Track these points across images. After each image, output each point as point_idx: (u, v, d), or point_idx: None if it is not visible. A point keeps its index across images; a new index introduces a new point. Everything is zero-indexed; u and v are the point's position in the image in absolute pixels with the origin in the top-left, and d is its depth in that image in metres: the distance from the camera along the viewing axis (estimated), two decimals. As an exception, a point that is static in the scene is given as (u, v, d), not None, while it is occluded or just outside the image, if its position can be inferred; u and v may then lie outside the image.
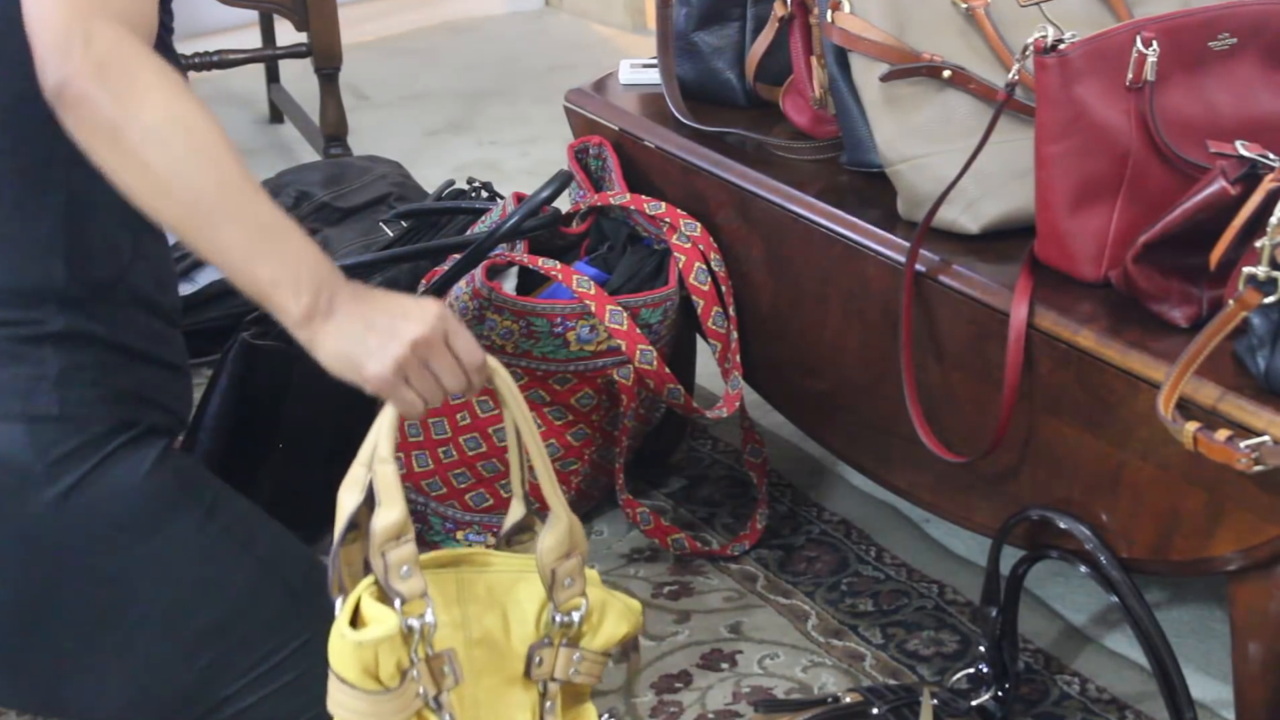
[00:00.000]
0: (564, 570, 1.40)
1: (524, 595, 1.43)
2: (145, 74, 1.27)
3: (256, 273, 1.30)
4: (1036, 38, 1.61)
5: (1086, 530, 1.61)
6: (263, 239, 1.30)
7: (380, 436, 1.33)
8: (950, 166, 1.70)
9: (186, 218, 1.29)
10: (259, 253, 1.30)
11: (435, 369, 1.35)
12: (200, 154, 1.28)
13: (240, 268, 1.30)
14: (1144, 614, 1.60)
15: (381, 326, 1.32)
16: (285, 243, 1.31)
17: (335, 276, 1.33)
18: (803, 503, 2.22)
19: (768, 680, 1.89)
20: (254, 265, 1.30)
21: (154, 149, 1.26)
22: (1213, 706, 1.80)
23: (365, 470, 1.33)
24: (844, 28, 1.78)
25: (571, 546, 1.40)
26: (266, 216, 1.31)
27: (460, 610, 1.40)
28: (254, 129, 3.56)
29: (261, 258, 1.30)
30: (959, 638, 1.95)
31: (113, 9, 1.27)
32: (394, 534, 1.30)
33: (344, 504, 1.33)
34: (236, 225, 1.29)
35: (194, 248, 1.31)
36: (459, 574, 1.41)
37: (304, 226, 2.72)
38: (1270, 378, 1.44)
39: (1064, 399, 1.62)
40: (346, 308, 1.32)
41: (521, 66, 3.89)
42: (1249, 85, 1.65)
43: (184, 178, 1.27)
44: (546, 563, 1.39)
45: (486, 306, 1.95)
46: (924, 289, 1.73)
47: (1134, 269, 1.56)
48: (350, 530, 1.32)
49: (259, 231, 1.30)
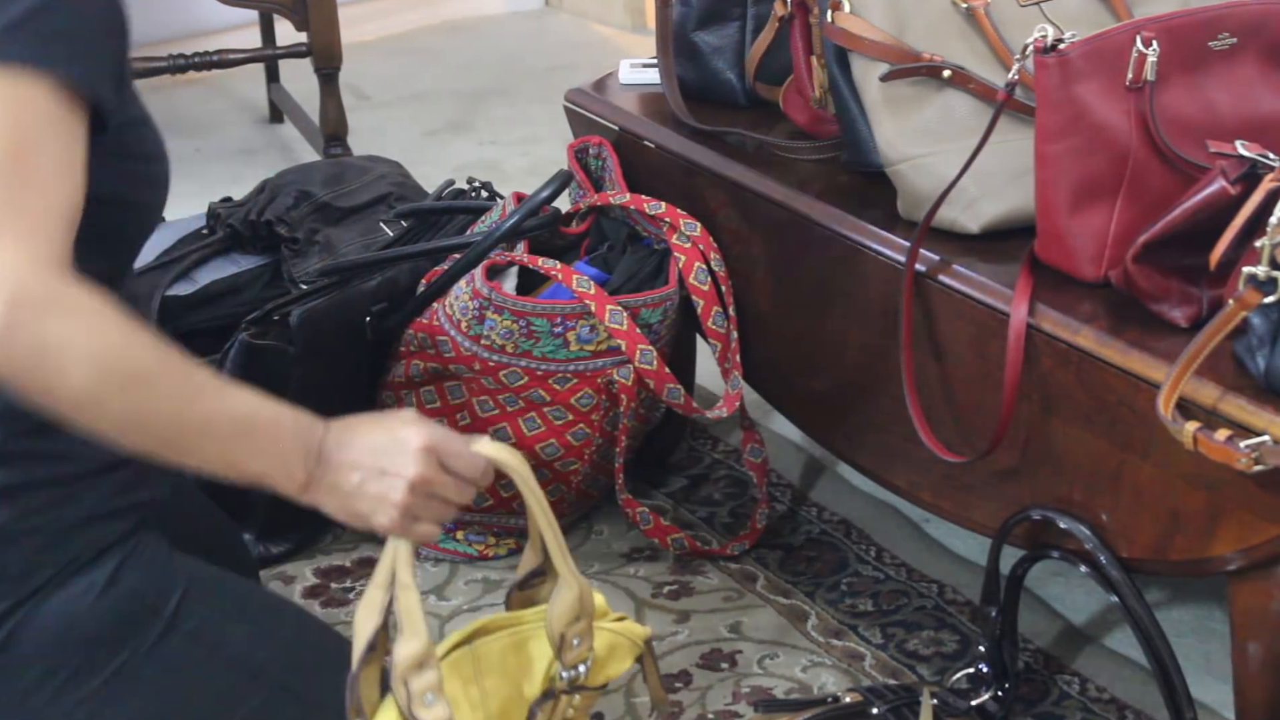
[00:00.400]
0: (573, 632, 1.39)
1: (536, 652, 1.42)
2: (53, 337, 1.17)
3: (245, 471, 1.28)
4: (1036, 38, 1.61)
5: (1086, 530, 1.61)
6: (236, 441, 1.27)
7: (399, 562, 1.32)
8: (950, 166, 1.70)
9: (157, 452, 1.26)
10: (238, 456, 1.28)
11: (441, 495, 1.33)
12: (139, 399, 1.22)
13: (228, 472, 1.28)
14: (1144, 614, 1.60)
15: (375, 474, 1.30)
16: (257, 432, 1.28)
17: (313, 432, 1.30)
18: (803, 503, 2.22)
19: (767, 680, 1.89)
20: (240, 467, 1.28)
21: (92, 413, 1.21)
22: (1213, 706, 1.80)
23: (383, 593, 1.31)
24: (844, 28, 1.78)
25: (581, 612, 1.39)
26: (229, 416, 1.27)
27: (478, 687, 1.40)
28: (254, 129, 3.56)
29: (243, 458, 1.28)
30: (959, 638, 1.95)
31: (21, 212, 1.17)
32: (417, 663, 1.30)
33: (361, 628, 1.31)
34: (206, 442, 1.26)
35: (180, 466, 1.28)
36: (474, 649, 1.41)
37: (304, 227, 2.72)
38: (1270, 378, 1.44)
39: (1064, 399, 1.62)
40: (336, 462, 1.30)
41: (521, 66, 3.88)
42: (1249, 85, 1.65)
43: (134, 427, 1.23)
44: (556, 628, 1.38)
45: (486, 306, 1.95)
46: (924, 289, 1.73)
47: (1134, 269, 1.56)
48: (368, 653, 1.31)
49: (230, 438, 1.27)
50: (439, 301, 2.05)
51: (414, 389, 2.08)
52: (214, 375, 1.27)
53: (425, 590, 2.11)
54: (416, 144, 3.46)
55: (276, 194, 2.69)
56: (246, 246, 2.72)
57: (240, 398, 1.28)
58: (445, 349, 2.02)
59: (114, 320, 1.20)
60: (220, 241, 2.69)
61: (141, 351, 1.21)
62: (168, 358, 1.23)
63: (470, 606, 2.06)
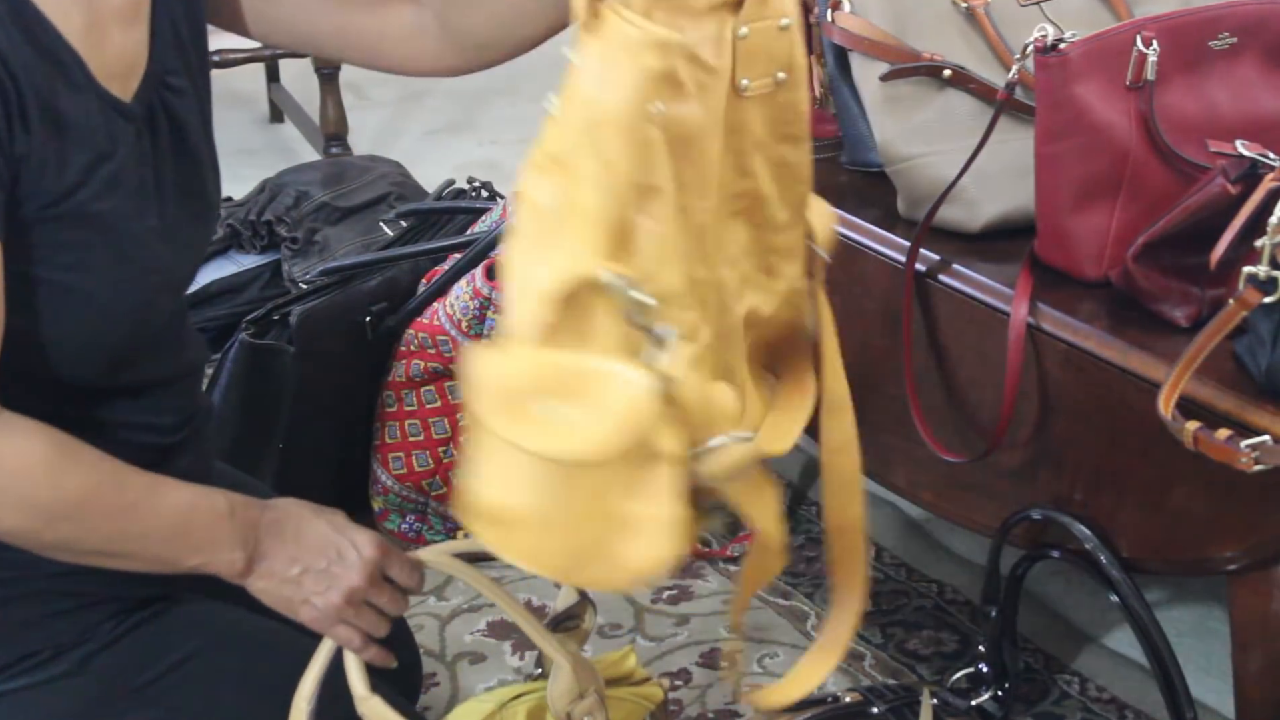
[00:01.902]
0: (580, 710, 1.38)
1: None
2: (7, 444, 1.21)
3: (187, 564, 1.30)
4: (1036, 37, 1.61)
5: (1086, 530, 1.61)
6: (175, 543, 1.29)
7: (351, 675, 1.32)
8: (950, 166, 1.70)
9: (100, 564, 1.28)
10: (180, 554, 1.29)
11: (375, 604, 1.34)
12: (72, 529, 1.25)
13: (173, 569, 1.30)
14: (1144, 614, 1.59)
15: (316, 571, 1.32)
16: (194, 530, 1.29)
17: (248, 516, 1.31)
18: (803, 503, 2.22)
19: (767, 680, 1.89)
20: (183, 562, 1.30)
21: (30, 543, 1.25)
22: (1213, 706, 1.80)
23: (306, 704, 1.30)
24: (844, 27, 1.78)
25: (583, 687, 1.38)
26: (166, 521, 1.28)
27: None
28: (254, 129, 3.56)
29: (185, 555, 1.30)
30: (959, 637, 1.95)
31: None
32: None
33: None
34: (145, 548, 1.28)
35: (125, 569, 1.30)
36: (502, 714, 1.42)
37: (304, 227, 2.71)
38: (1270, 377, 1.44)
39: (1064, 399, 1.61)
40: (273, 549, 1.31)
41: (522, 66, 3.88)
42: (1249, 84, 1.65)
43: (71, 550, 1.26)
44: (560, 708, 1.38)
45: (487, 306, 1.95)
46: (924, 288, 1.73)
47: (1134, 268, 1.56)
48: None
49: (169, 540, 1.29)
50: (439, 301, 2.05)
51: (414, 389, 2.08)
52: (150, 480, 1.28)
53: (425, 590, 2.11)
54: (416, 144, 3.46)
55: (276, 194, 2.70)
56: (246, 246, 2.73)
57: (176, 498, 1.29)
58: (445, 349, 2.02)
59: (38, 459, 1.22)
60: (220, 241, 2.69)
61: (69, 486, 1.23)
62: (98, 483, 1.25)
63: (470, 606, 2.06)
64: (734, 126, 1.11)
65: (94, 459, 1.25)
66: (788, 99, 1.13)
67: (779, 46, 1.11)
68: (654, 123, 1.03)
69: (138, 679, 1.36)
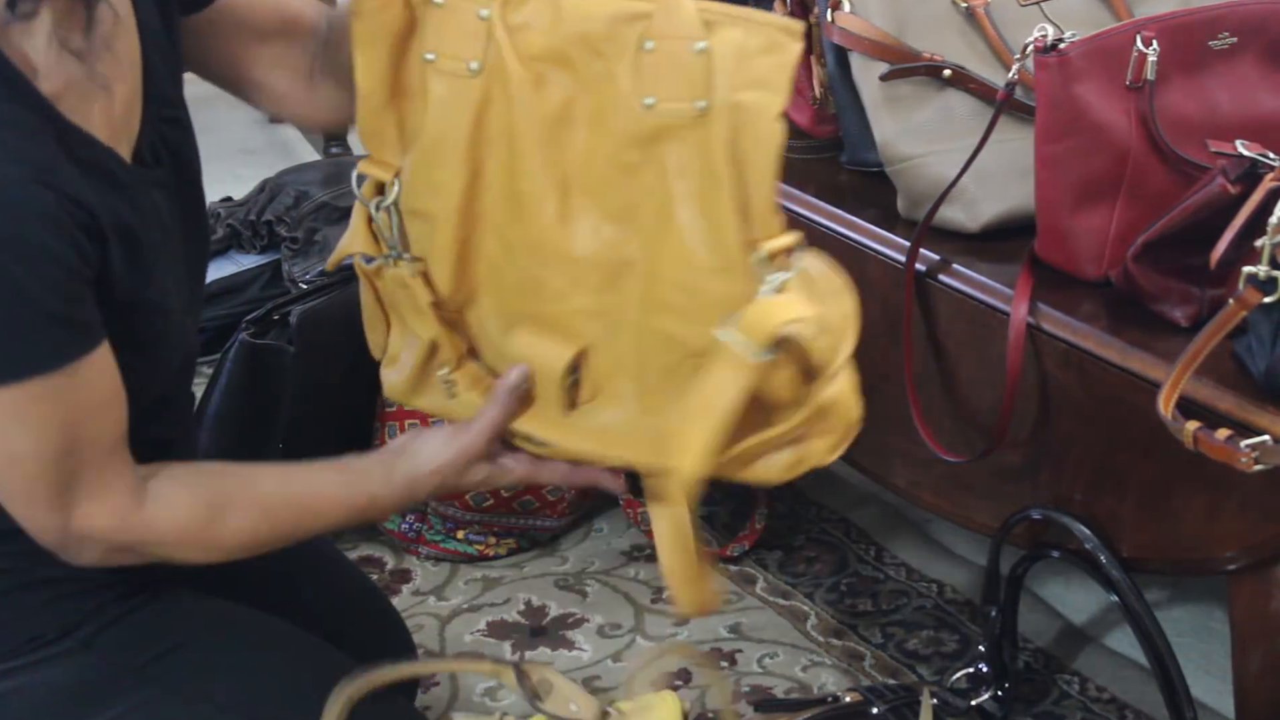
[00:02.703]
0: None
1: None
2: (153, 553, 1.30)
3: (375, 513, 1.42)
4: (1036, 37, 1.61)
5: (1086, 530, 1.61)
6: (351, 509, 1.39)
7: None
8: (950, 166, 1.70)
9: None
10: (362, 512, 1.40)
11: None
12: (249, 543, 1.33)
13: (367, 518, 1.42)
14: (1144, 614, 1.59)
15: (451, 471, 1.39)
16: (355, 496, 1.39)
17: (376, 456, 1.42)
18: (803, 503, 2.22)
19: (767, 679, 1.89)
20: (369, 514, 1.40)
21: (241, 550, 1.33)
22: (1213, 706, 1.80)
23: None
24: (844, 27, 1.78)
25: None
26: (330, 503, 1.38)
27: None
28: (254, 129, 3.56)
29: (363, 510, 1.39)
30: (959, 637, 1.95)
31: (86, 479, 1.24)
32: None
33: None
34: (334, 522, 1.38)
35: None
36: None
37: (304, 226, 2.70)
38: (1270, 377, 1.44)
39: (1064, 399, 1.61)
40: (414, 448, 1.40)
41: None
42: (1249, 84, 1.65)
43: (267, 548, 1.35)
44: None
45: (486, 306, 1.95)
46: (924, 288, 1.73)
47: (1134, 268, 1.56)
48: None
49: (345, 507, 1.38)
50: (439, 301, 2.04)
51: (414, 389, 2.08)
52: (287, 474, 1.38)
53: (425, 590, 2.11)
54: (416, 144, 3.46)
55: (276, 194, 2.70)
56: (246, 246, 2.73)
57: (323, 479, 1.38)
58: (445, 349, 2.02)
59: (190, 527, 1.30)
60: (220, 241, 2.69)
61: (227, 536, 1.31)
62: (254, 525, 1.33)
63: (470, 606, 2.06)
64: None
65: (245, 503, 1.33)
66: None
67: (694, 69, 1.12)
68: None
69: (139, 658, 1.37)
